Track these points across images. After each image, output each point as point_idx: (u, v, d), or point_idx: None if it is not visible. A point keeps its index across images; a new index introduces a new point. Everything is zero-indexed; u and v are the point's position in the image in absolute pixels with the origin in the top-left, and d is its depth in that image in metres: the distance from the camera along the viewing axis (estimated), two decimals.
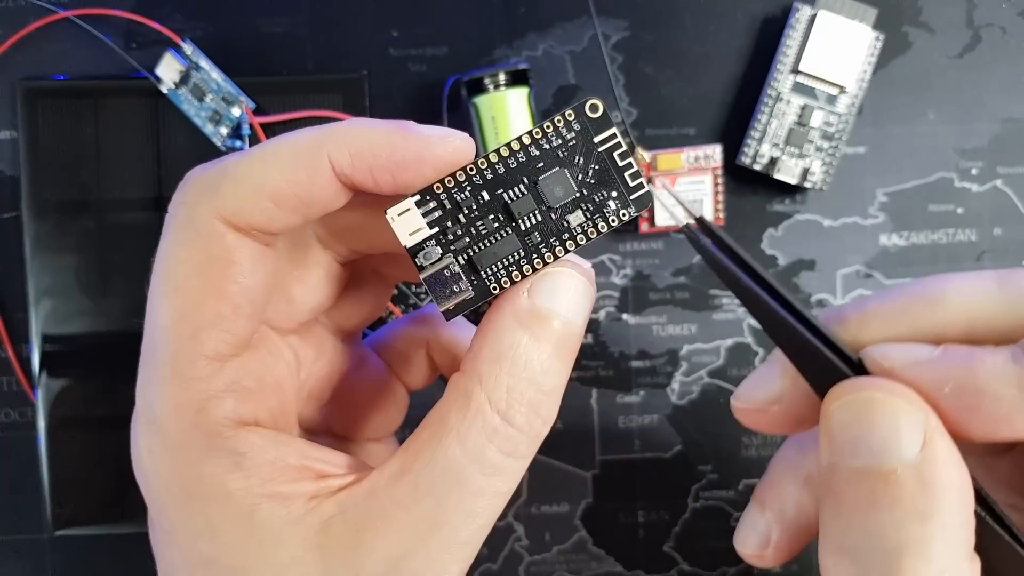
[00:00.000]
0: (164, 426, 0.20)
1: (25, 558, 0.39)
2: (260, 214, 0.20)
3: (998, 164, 0.39)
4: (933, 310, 0.21)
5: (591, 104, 0.20)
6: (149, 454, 0.21)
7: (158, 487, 0.21)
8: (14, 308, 0.38)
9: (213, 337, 0.20)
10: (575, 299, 0.21)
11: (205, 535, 0.20)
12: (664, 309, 0.40)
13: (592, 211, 0.21)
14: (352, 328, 0.27)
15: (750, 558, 0.25)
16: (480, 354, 0.20)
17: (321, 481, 0.21)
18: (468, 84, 0.37)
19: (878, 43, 0.37)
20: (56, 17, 0.38)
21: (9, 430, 0.39)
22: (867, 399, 0.19)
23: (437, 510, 0.20)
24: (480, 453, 0.20)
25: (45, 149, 0.37)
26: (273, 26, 0.39)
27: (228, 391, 0.21)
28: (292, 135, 0.21)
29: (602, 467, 0.40)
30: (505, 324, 0.20)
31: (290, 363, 0.25)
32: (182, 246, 0.21)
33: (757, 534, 0.25)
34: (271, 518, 0.20)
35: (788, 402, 0.22)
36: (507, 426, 0.20)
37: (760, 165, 0.38)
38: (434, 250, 0.21)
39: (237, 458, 0.20)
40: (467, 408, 0.20)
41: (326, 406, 0.27)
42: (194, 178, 0.21)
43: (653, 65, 0.39)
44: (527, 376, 0.20)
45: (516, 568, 0.40)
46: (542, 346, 0.20)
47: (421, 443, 0.20)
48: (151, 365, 0.21)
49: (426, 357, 0.29)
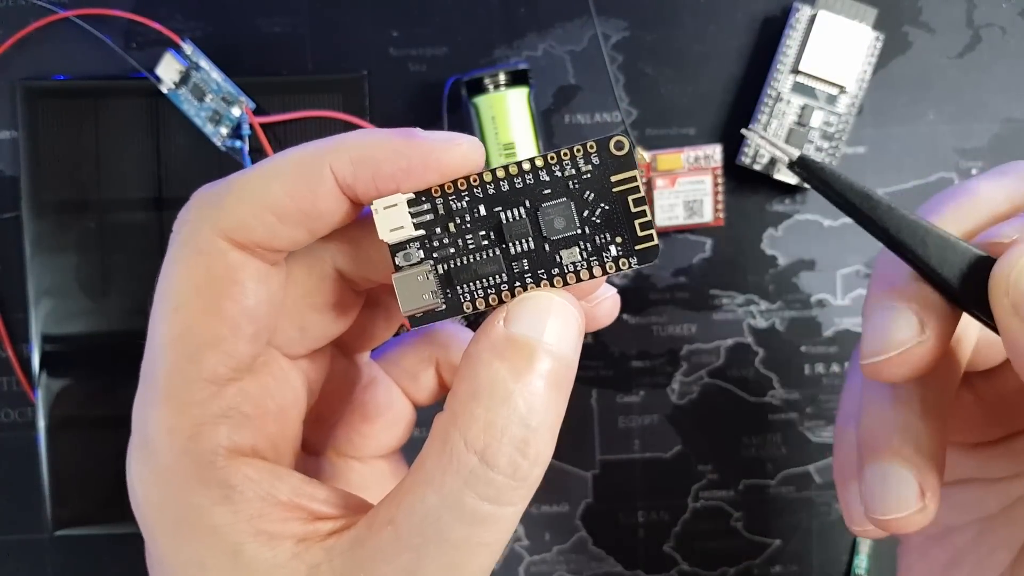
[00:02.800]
0: (156, 450, 0.20)
1: (25, 558, 0.39)
2: (263, 229, 0.20)
3: (998, 164, 0.39)
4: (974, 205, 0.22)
5: (616, 140, 0.19)
6: (140, 480, 0.20)
7: (148, 514, 0.20)
8: (14, 308, 0.38)
9: (212, 359, 0.20)
10: (558, 325, 0.19)
11: (193, 567, 0.20)
12: (664, 309, 0.40)
13: (590, 252, 0.19)
14: (362, 348, 0.27)
15: (904, 523, 0.22)
16: (457, 392, 0.19)
17: (311, 524, 0.20)
18: (468, 84, 0.37)
19: (878, 43, 0.37)
20: (56, 17, 0.38)
21: (9, 430, 0.39)
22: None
23: (416, 564, 0.19)
24: (458, 501, 0.18)
25: (45, 149, 0.37)
26: (273, 26, 0.39)
27: (224, 417, 0.20)
28: (294, 148, 0.20)
29: (602, 467, 0.40)
30: (481, 357, 0.19)
31: (296, 388, 0.24)
32: (183, 264, 0.20)
33: (909, 485, 0.21)
34: (256, 559, 0.19)
35: (934, 328, 0.20)
36: (486, 469, 0.18)
37: (760, 165, 0.38)
38: (416, 253, 0.20)
39: (227, 491, 0.19)
40: (443, 451, 0.18)
41: (332, 425, 0.26)
42: (198, 196, 0.21)
43: (653, 65, 0.39)
44: (507, 412, 0.18)
45: (516, 568, 0.40)
46: (524, 378, 0.18)
47: (403, 490, 0.19)
48: (147, 385, 0.20)
49: (435, 374, 0.28)
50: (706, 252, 0.39)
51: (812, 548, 0.40)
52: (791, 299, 0.39)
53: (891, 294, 0.21)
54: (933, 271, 0.20)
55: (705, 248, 0.39)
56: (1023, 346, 0.19)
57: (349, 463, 0.27)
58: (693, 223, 0.38)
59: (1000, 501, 0.25)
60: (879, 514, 0.22)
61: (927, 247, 0.20)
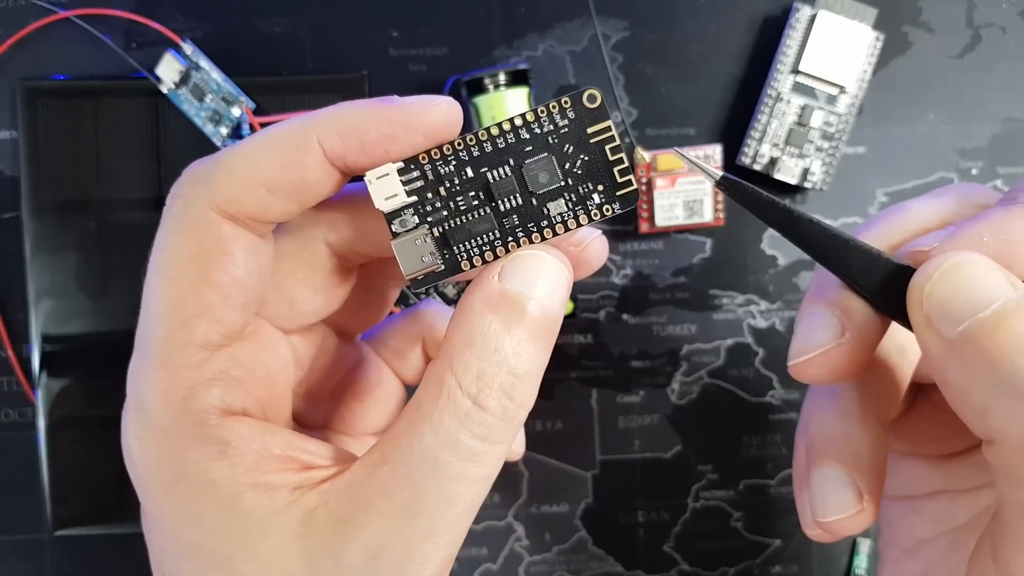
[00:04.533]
0: (152, 412, 0.21)
1: (25, 558, 0.39)
2: (254, 202, 0.21)
3: (998, 164, 0.39)
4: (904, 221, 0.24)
5: (589, 94, 0.20)
6: (137, 440, 0.21)
7: (145, 473, 0.21)
8: (14, 308, 0.38)
9: (203, 326, 0.21)
10: (548, 281, 0.21)
11: (191, 522, 0.21)
12: (664, 309, 0.40)
13: (575, 202, 0.21)
14: (355, 330, 0.28)
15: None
16: (452, 340, 0.20)
17: (305, 472, 0.21)
18: (468, 84, 0.37)
19: (878, 43, 0.37)
20: (56, 17, 0.38)
21: (9, 430, 0.39)
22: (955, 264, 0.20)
23: (415, 498, 0.20)
24: (454, 439, 0.20)
25: (45, 149, 0.37)
26: (273, 26, 0.39)
27: (216, 379, 0.21)
28: (281, 123, 0.21)
29: (602, 467, 0.40)
30: (476, 309, 0.20)
31: (286, 359, 0.25)
32: (176, 236, 0.21)
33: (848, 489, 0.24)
34: (255, 507, 0.20)
35: (853, 332, 0.22)
36: (479, 411, 0.20)
37: (760, 165, 0.38)
38: (411, 219, 0.21)
39: (222, 446, 0.20)
40: (439, 395, 0.20)
41: (324, 403, 0.27)
42: (190, 171, 0.21)
43: (653, 65, 0.39)
44: (498, 360, 0.20)
45: (516, 568, 0.40)
46: (513, 330, 0.20)
47: (398, 432, 0.20)
48: (142, 352, 0.21)
49: (422, 352, 0.29)
50: (706, 252, 0.39)
51: (812, 548, 0.40)
52: (791, 299, 0.39)
53: (816, 300, 0.23)
54: (855, 281, 0.22)
55: (705, 248, 0.39)
56: (935, 356, 0.21)
57: (341, 439, 0.28)
58: (693, 223, 0.38)
59: (969, 511, 0.26)
60: (820, 516, 0.24)
61: (848, 259, 0.22)
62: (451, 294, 0.37)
